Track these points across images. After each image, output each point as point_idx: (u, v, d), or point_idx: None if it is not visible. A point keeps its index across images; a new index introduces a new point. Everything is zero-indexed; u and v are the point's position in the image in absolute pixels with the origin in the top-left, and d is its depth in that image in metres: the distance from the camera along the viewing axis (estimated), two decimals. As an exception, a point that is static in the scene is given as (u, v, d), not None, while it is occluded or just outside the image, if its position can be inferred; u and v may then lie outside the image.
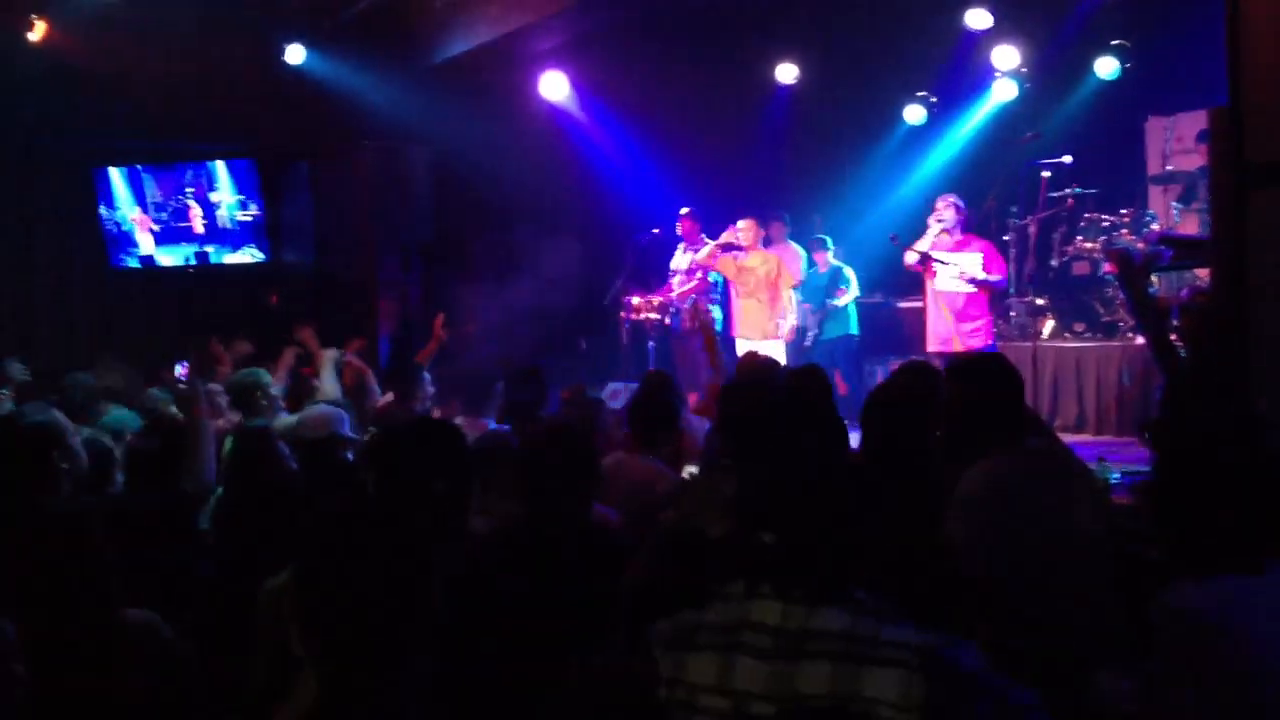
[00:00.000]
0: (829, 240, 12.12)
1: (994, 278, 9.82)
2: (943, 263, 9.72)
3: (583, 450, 3.71)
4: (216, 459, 5.05)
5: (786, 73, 12.91)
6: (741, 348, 10.56)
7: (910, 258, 9.91)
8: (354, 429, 5.25)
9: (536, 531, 3.55)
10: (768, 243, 11.82)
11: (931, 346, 9.89)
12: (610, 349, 12.39)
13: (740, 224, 10.84)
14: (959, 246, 9.81)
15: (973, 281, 9.71)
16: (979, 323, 9.77)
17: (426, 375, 7.39)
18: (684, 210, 11.34)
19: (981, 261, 9.77)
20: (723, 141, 13.41)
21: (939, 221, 9.81)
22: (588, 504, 3.72)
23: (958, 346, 9.62)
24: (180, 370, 4.66)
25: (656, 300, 11.40)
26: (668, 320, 11.38)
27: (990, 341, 9.76)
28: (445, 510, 3.42)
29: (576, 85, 12.78)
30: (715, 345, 7.19)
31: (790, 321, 10.90)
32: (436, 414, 7.55)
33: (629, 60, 12.70)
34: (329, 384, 7.56)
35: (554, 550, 3.47)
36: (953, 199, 9.90)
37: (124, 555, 3.21)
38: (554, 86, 12.63)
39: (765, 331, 10.71)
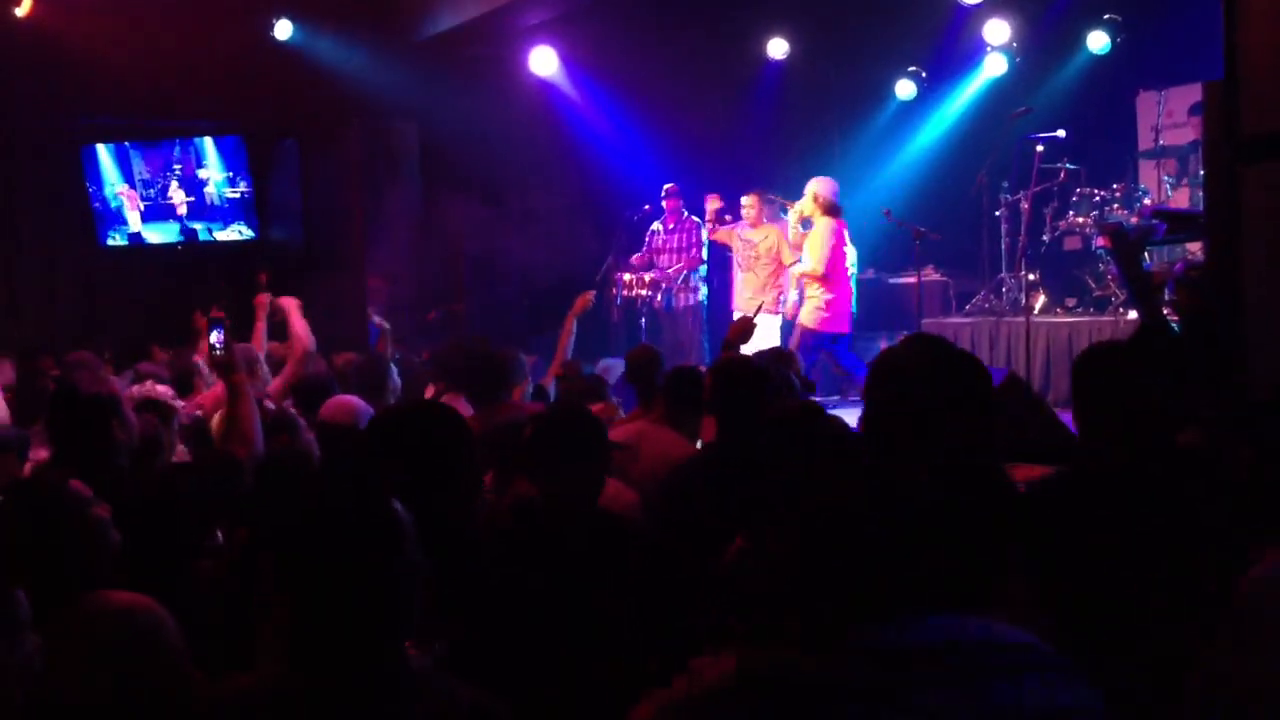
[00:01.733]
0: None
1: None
2: None
3: (596, 431, 3.65)
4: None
5: (777, 47, 12.86)
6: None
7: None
8: None
9: (549, 516, 3.49)
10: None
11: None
12: (601, 325, 12.37)
13: (744, 199, 10.85)
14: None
15: None
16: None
17: (394, 368, 7.40)
18: (667, 186, 11.33)
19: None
20: (713, 116, 13.36)
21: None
22: (599, 486, 3.66)
23: None
24: (216, 337, 4.63)
25: (648, 277, 11.39)
26: (659, 298, 11.37)
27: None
28: (421, 495, 3.34)
29: (566, 60, 12.70)
30: None
31: (792, 297, 10.92)
32: (429, 392, 7.54)
33: (619, 35, 12.64)
34: None
35: (565, 535, 3.42)
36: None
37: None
38: (543, 61, 12.56)
39: (765, 306, 10.72)
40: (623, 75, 12.93)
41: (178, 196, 13.42)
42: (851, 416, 4.19)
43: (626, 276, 11.44)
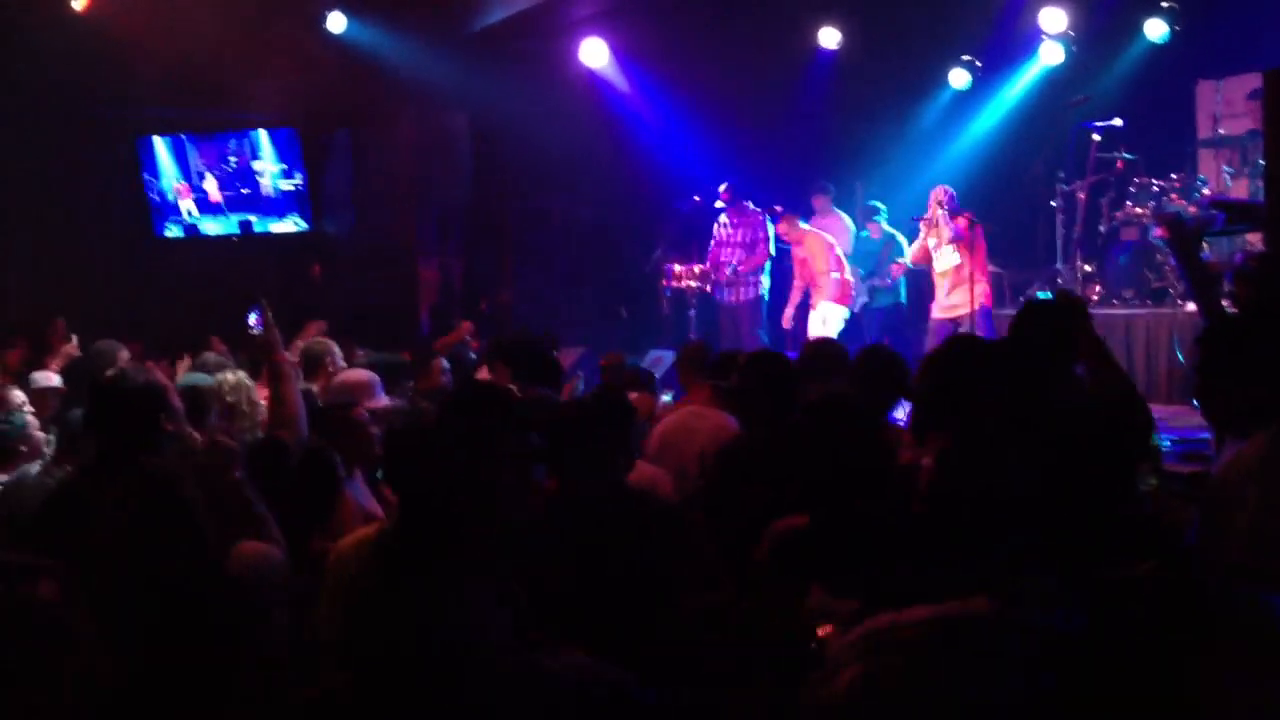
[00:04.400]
0: (882, 208, 11.98)
1: None
2: None
3: (621, 415, 3.66)
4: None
5: (829, 37, 12.77)
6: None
7: None
8: None
9: (570, 500, 3.51)
10: (810, 214, 11.77)
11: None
12: (651, 317, 12.35)
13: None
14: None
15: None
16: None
17: (445, 363, 7.41)
18: (722, 186, 11.24)
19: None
20: (764, 107, 13.29)
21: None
22: (624, 469, 3.67)
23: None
24: (254, 319, 4.65)
25: (697, 268, 11.34)
26: (709, 288, 11.33)
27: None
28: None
29: (616, 52, 12.69)
30: None
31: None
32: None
33: (669, 26, 12.60)
34: None
35: (589, 518, 3.43)
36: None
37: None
38: (593, 53, 12.55)
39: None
40: (672, 66, 12.90)
41: (214, 191, 13.53)
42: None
43: (676, 268, 11.39)
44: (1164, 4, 11.56)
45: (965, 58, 12.84)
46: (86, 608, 2.57)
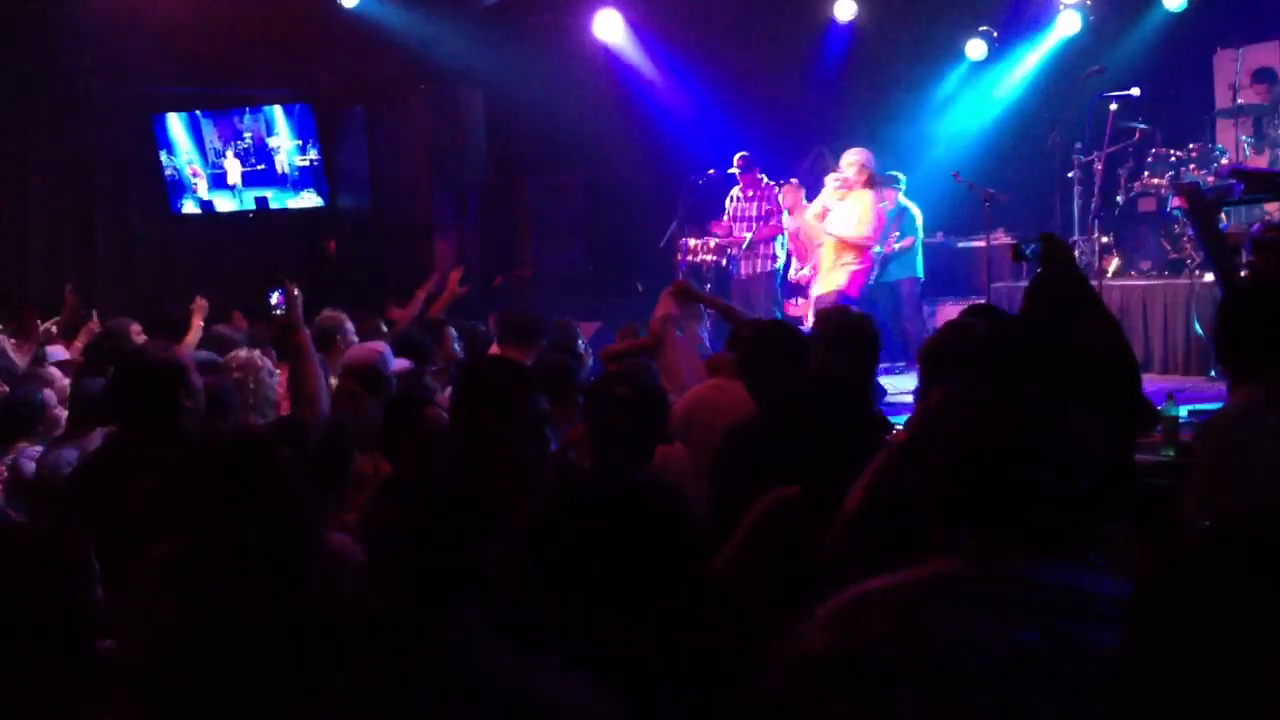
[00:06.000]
0: (901, 177, 11.85)
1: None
2: None
3: (656, 400, 3.63)
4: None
5: (844, 9, 12.70)
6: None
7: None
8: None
9: (604, 483, 3.47)
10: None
11: None
12: (667, 291, 12.31)
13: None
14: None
15: None
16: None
17: (454, 331, 7.42)
18: (738, 156, 11.19)
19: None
20: (780, 80, 13.24)
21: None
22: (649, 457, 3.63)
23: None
24: (276, 298, 4.66)
25: (713, 242, 11.32)
26: (725, 263, 11.32)
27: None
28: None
29: (631, 24, 12.64)
30: None
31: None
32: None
33: (684, -2, 12.58)
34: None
35: (619, 503, 3.40)
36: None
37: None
38: (608, 26, 12.51)
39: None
40: (688, 38, 12.86)
41: (233, 169, 13.53)
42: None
43: (691, 242, 11.36)
44: (1183, -27, 11.48)
45: (982, 28, 12.76)
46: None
